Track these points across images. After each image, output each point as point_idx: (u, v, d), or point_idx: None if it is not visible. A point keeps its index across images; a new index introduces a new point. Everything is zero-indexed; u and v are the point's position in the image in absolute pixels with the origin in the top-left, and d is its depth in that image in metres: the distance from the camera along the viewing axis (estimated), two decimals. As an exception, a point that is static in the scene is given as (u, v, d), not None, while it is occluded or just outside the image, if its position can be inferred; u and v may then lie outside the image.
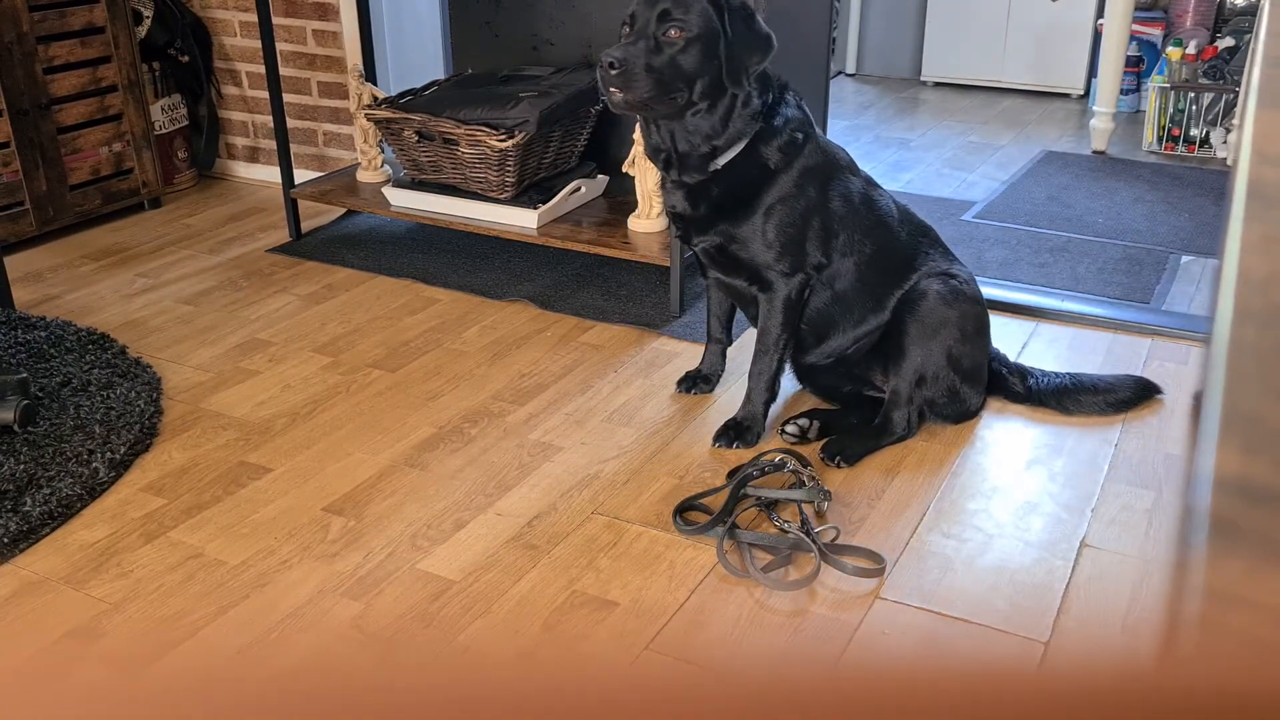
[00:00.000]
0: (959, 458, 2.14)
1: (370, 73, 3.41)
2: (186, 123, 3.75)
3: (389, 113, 3.01)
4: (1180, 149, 4.05)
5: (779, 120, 2.08)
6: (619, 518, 1.95)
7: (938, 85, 5.23)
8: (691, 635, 1.66)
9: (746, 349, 2.32)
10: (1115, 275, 2.97)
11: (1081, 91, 4.93)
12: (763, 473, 2.01)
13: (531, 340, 2.63)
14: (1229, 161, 3.92)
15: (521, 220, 2.92)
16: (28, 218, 3.20)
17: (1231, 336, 0.58)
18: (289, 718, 0.32)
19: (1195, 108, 4.00)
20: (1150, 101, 4.10)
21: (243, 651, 1.65)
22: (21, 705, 0.31)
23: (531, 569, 1.81)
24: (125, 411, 2.24)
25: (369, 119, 3.12)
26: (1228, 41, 4.15)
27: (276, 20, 3.51)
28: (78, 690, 0.32)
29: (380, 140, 3.25)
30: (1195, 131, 4.02)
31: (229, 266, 3.11)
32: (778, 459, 2.02)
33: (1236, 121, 3.81)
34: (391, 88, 3.55)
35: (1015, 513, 1.96)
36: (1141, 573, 1.80)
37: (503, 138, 2.83)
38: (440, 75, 3.41)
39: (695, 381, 2.39)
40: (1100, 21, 4.37)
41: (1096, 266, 3.03)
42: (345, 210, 3.39)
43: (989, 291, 2.39)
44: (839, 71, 5.45)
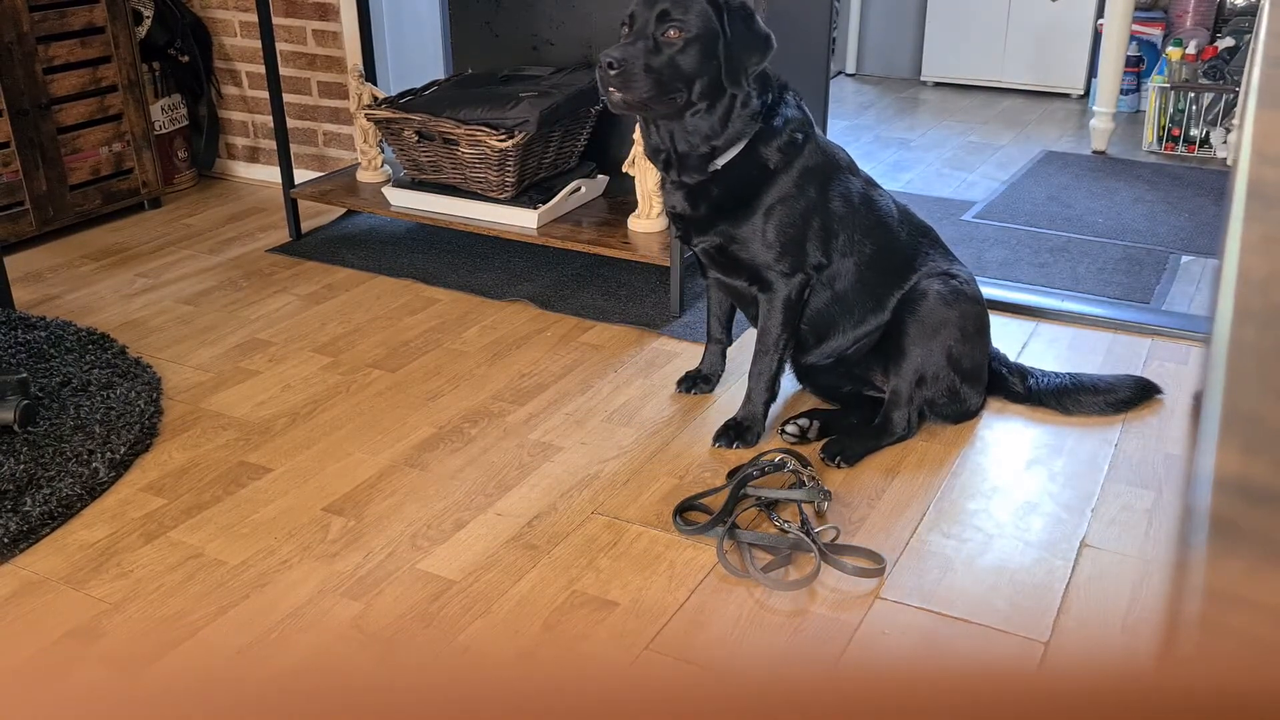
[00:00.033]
0: (959, 458, 2.14)
1: (370, 73, 3.41)
2: (186, 123, 3.75)
3: (389, 113, 3.01)
4: (1180, 149, 4.05)
5: (778, 120, 2.08)
6: (619, 518, 1.95)
7: (938, 85, 5.23)
8: (691, 635, 1.66)
9: (746, 349, 2.32)
10: (1115, 275, 2.97)
11: (1081, 91, 4.93)
12: (763, 473, 2.01)
13: (531, 340, 2.63)
14: (1229, 161, 3.92)
15: (521, 220, 2.92)
16: (28, 218, 3.20)
17: (1231, 336, 0.58)
18: (289, 718, 0.32)
19: (1195, 108, 4.00)
20: (1150, 101, 4.10)
21: (243, 651, 1.65)
22: (21, 705, 0.31)
23: (531, 569, 1.81)
24: (125, 411, 2.24)
25: (369, 119, 3.12)
26: (1228, 41, 4.15)
27: (276, 20, 3.51)
28: (78, 690, 0.32)
29: (380, 140, 3.25)
30: (1195, 131, 4.02)
31: (229, 266, 3.11)
32: (778, 459, 2.02)
33: (1236, 121, 3.81)
34: (391, 88, 3.55)
35: (1015, 513, 1.96)
36: (1141, 573, 1.80)
37: (503, 138, 2.83)
38: (440, 75, 3.41)
39: (695, 381, 2.39)
40: (1100, 21, 4.37)
41: (1096, 266, 3.03)
42: (345, 210, 3.39)
43: (989, 291, 2.39)
44: (839, 71, 5.45)
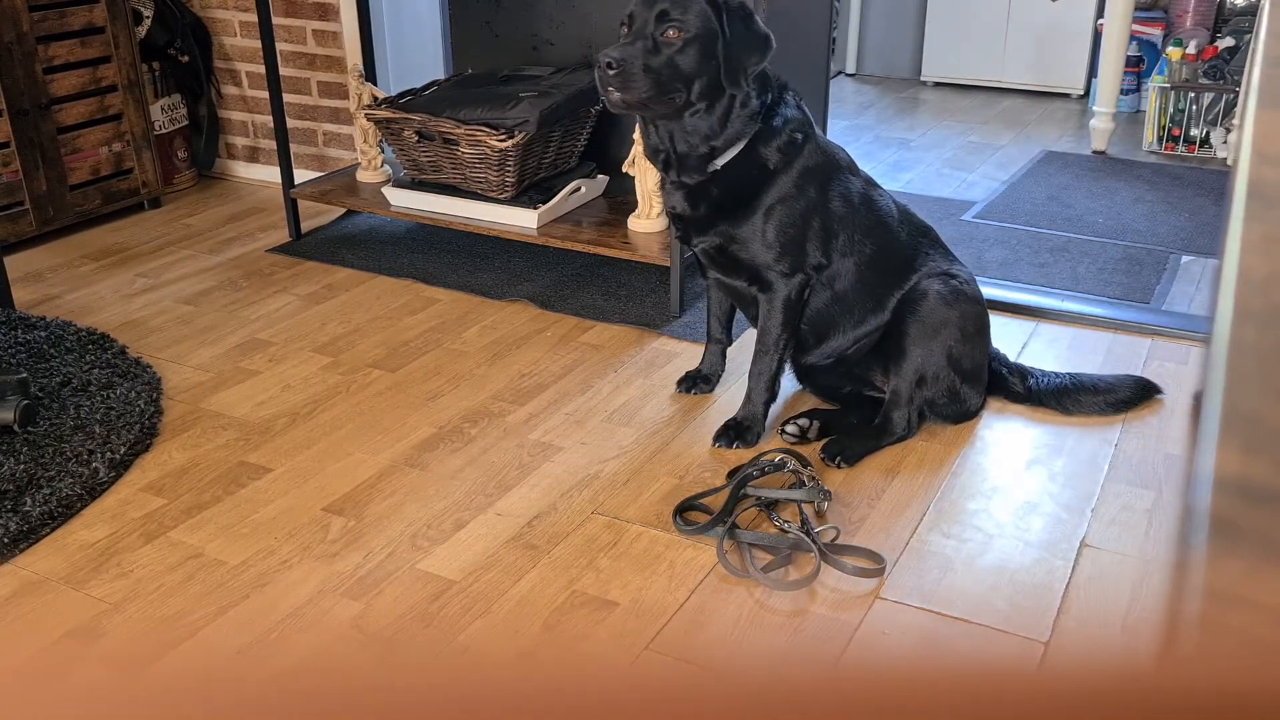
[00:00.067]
0: (959, 458, 2.14)
1: (370, 73, 3.41)
2: (186, 123, 3.75)
3: (389, 113, 3.01)
4: (1180, 149, 4.05)
5: (778, 120, 2.08)
6: (619, 518, 1.95)
7: (938, 85, 5.23)
8: (691, 635, 1.66)
9: (746, 349, 2.32)
10: (1115, 275, 2.97)
11: (1081, 91, 4.93)
12: (763, 473, 2.01)
13: (531, 340, 2.63)
14: (1229, 161, 3.92)
15: (521, 220, 2.92)
16: (28, 218, 3.20)
17: (1231, 336, 0.58)
18: (289, 718, 0.32)
19: (1195, 108, 4.00)
20: (1150, 101, 4.10)
21: (243, 651, 1.65)
22: (21, 705, 0.31)
23: (531, 569, 1.81)
24: (125, 411, 2.24)
25: (369, 119, 3.12)
26: (1228, 41, 4.15)
27: (276, 20, 3.51)
28: (78, 690, 0.32)
29: (380, 140, 3.25)
30: (1195, 131, 4.02)
31: (229, 266, 3.11)
32: (778, 459, 2.02)
33: (1236, 121, 3.81)
34: (391, 88, 3.55)
35: (1015, 513, 1.96)
36: (1141, 573, 1.80)
37: (503, 138, 2.83)
38: (440, 75, 3.41)
39: (695, 381, 2.39)
40: (1100, 21, 4.37)
41: (1096, 266, 3.03)
42: (345, 210, 3.39)
43: (989, 291, 2.39)
44: (839, 71, 5.45)
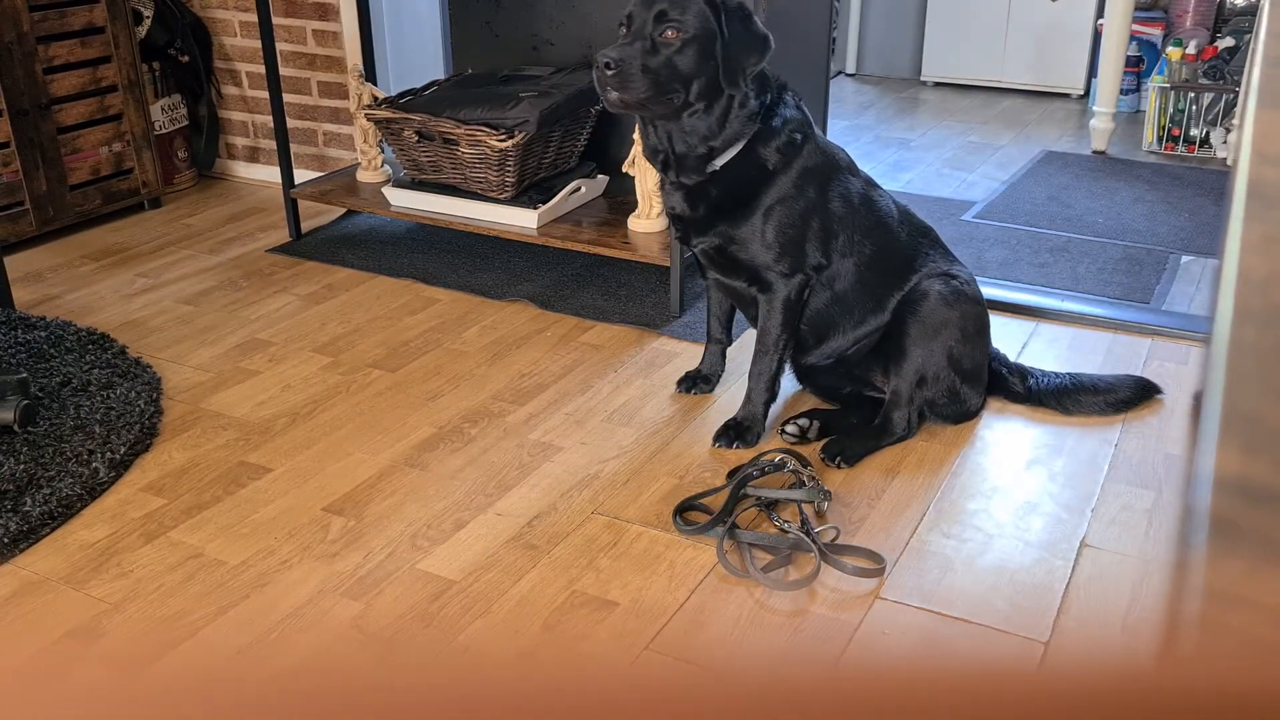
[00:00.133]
0: (959, 458, 2.14)
1: (370, 73, 3.41)
2: (186, 123, 3.75)
3: (389, 113, 3.01)
4: (1180, 149, 4.05)
5: (777, 121, 2.08)
6: (619, 518, 1.95)
7: (938, 85, 5.23)
8: (691, 635, 1.66)
9: (746, 349, 2.32)
10: (1115, 275, 2.97)
11: (1081, 91, 4.93)
12: (763, 473, 2.01)
13: (531, 340, 2.63)
14: (1229, 161, 3.92)
15: (521, 220, 2.92)
16: (28, 218, 3.20)
17: (1231, 336, 0.58)
18: (289, 718, 0.32)
19: (1195, 108, 4.00)
20: (1150, 101, 4.10)
21: (243, 651, 1.65)
22: (21, 705, 0.31)
23: (531, 569, 1.81)
24: (125, 411, 2.24)
25: (369, 119, 3.12)
26: (1228, 41, 4.15)
27: (276, 20, 3.51)
28: (78, 690, 0.32)
29: (380, 140, 3.25)
30: (1195, 131, 4.02)
31: (229, 266, 3.11)
32: (778, 459, 2.02)
33: (1236, 121, 3.81)
34: (391, 88, 3.55)
35: (1015, 513, 1.96)
36: (1141, 573, 1.80)
37: (503, 138, 2.83)
38: (440, 75, 3.41)
39: (695, 381, 2.39)
40: (1100, 21, 4.37)
41: (1096, 266, 3.03)
42: (345, 210, 3.39)
43: (989, 291, 2.39)
44: (839, 71, 5.45)
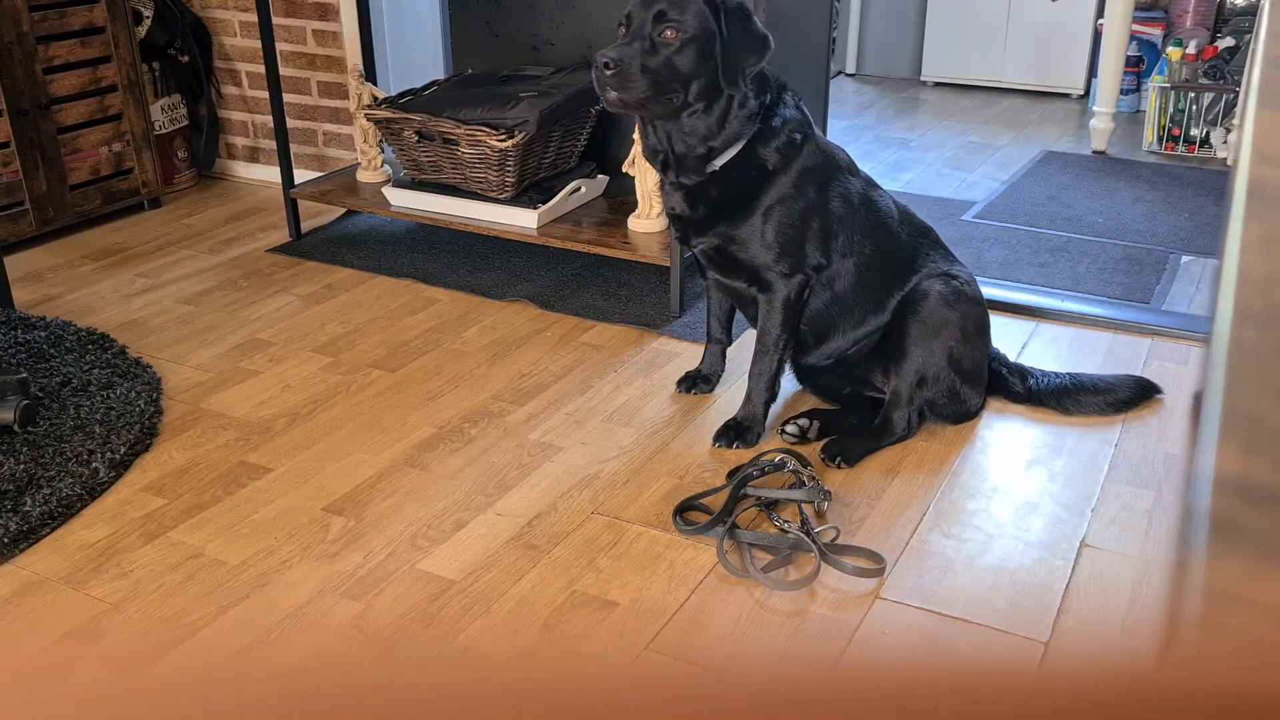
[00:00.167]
0: (959, 458, 2.14)
1: (370, 73, 3.41)
2: (186, 123, 3.75)
3: (389, 113, 3.01)
4: (1180, 149, 4.05)
5: (777, 121, 2.08)
6: (619, 518, 1.95)
7: (938, 85, 5.23)
8: (691, 635, 1.66)
9: (746, 349, 2.32)
10: (1115, 275, 2.97)
11: (1081, 91, 4.93)
12: (763, 473, 2.01)
13: (531, 340, 2.63)
14: (1229, 161, 3.92)
15: (521, 220, 2.92)
16: (28, 218, 3.20)
17: (1231, 336, 0.58)
18: (289, 718, 0.32)
19: (1195, 108, 4.00)
20: (1150, 101, 4.10)
21: (243, 651, 1.65)
22: (21, 705, 0.31)
23: (531, 569, 1.81)
24: (125, 411, 2.24)
25: (369, 119, 3.12)
26: (1228, 41, 4.15)
27: (276, 20, 3.51)
28: (78, 690, 0.32)
29: (380, 140, 3.25)
30: (1195, 131, 4.02)
31: (229, 266, 3.11)
32: (778, 459, 2.02)
33: (1236, 121, 3.81)
34: (391, 88, 3.55)
35: (1015, 513, 1.96)
36: (1141, 573, 1.80)
37: (503, 138, 2.83)
38: (440, 75, 3.41)
39: (695, 381, 2.39)
40: (1100, 21, 4.37)
41: (1096, 266, 3.03)
42: (345, 210, 3.39)
43: (989, 291, 2.39)
44: (839, 71, 5.45)
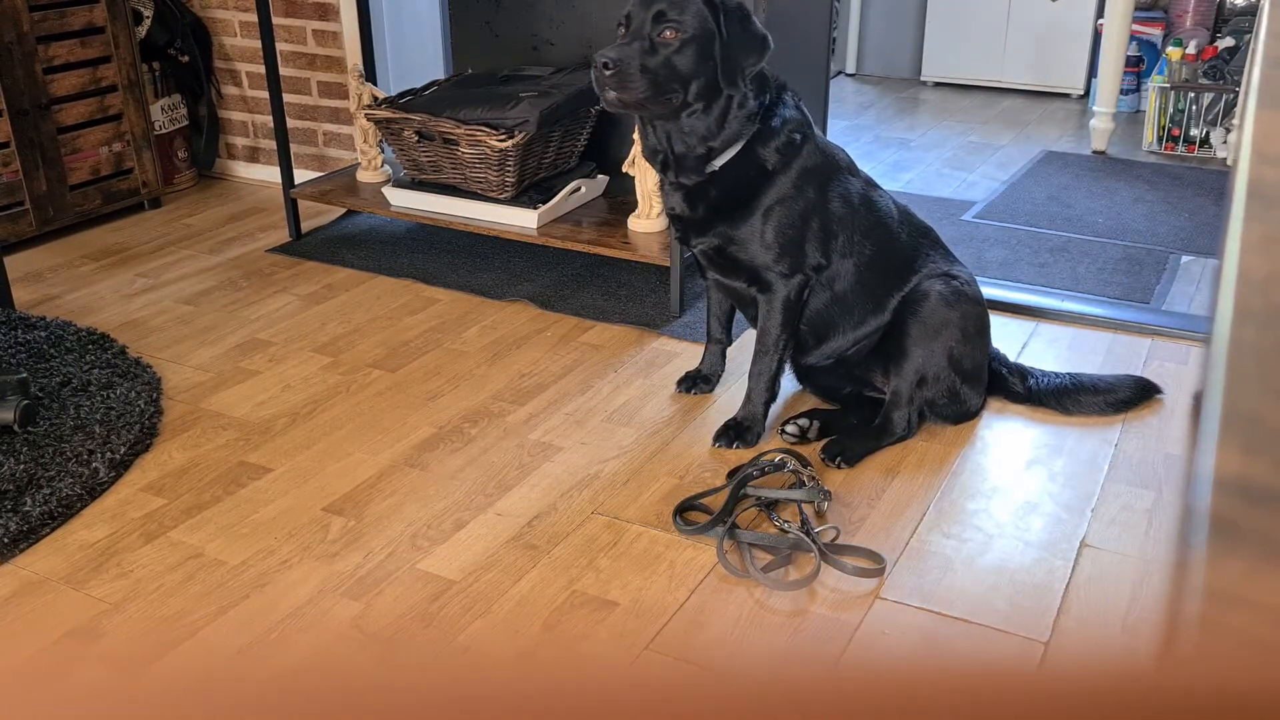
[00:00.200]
0: (959, 458, 2.14)
1: (370, 73, 3.41)
2: (186, 123, 3.75)
3: (389, 113, 3.01)
4: (1180, 149, 4.05)
5: (776, 121, 2.08)
6: (619, 518, 1.95)
7: (938, 85, 5.23)
8: (691, 635, 1.66)
9: (746, 349, 2.32)
10: (1115, 275, 2.97)
11: (1081, 91, 4.93)
12: (763, 473, 2.01)
13: (531, 340, 2.63)
14: (1229, 161, 3.92)
15: (521, 220, 2.92)
16: (28, 218, 3.20)
17: (1231, 336, 0.58)
18: (289, 718, 0.32)
19: (1195, 108, 4.00)
20: (1150, 101, 4.10)
21: (243, 651, 1.65)
22: (21, 705, 0.31)
23: (531, 569, 1.81)
24: (125, 411, 2.24)
25: (369, 119, 3.12)
26: (1228, 41, 4.15)
27: (276, 20, 3.51)
28: (78, 690, 0.32)
29: (380, 140, 3.25)
30: (1195, 131, 4.02)
31: (229, 266, 3.11)
32: (778, 459, 2.02)
33: (1236, 121, 3.81)
34: (391, 88, 3.55)
35: (1015, 513, 1.96)
36: (1141, 573, 1.80)
37: (503, 138, 2.83)
38: (440, 75, 3.41)
39: (695, 381, 2.39)
40: (1100, 21, 4.37)
41: (1096, 266, 3.03)
42: (345, 210, 3.39)
43: (989, 291, 2.39)
44: (839, 71, 5.45)
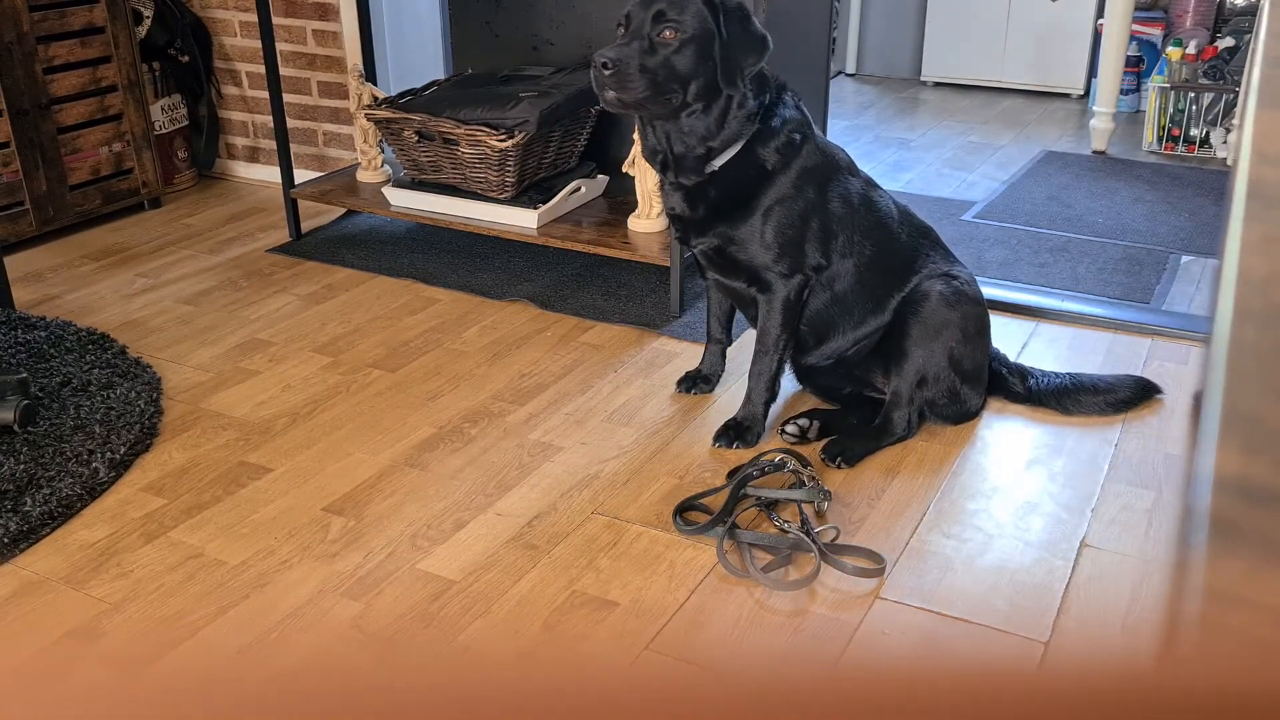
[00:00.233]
0: (959, 458, 2.14)
1: (370, 73, 3.41)
2: (186, 123, 3.75)
3: (389, 113, 3.01)
4: (1180, 149, 4.05)
5: (776, 121, 2.08)
6: (619, 518, 1.95)
7: (938, 85, 5.23)
8: (691, 635, 1.66)
9: (746, 349, 2.32)
10: (1115, 275, 2.97)
11: (1081, 91, 4.93)
12: (763, 473, 2.01)
13: (531, 340, 2.63)
14: (1229, 161, 3.92)
15: (521, 220, 2.92)
16: (28, 218, 3.20)
17: (1231, 336, 0.58)
18: (289, 718, 0.32)
19: (1195, 108, 4.00)
20: (1150, 101, 4.10)
21: (243, 651, 1.65)
22: (21, 705, 0.31)
23: (531, 569, 1.81)
24: (125, 411, 2.24)
25: (369, 119, 3.12)
26: (1228, 41, 4.15)
27: (276, 20, 3.51)
28: (78, 690, 0.32)
29: (380, 140, 3.25)
30: (1195, 131, 4.02)
31: (229, 266, 3.11)
32: (778, 459, 2.02)
33: (1236, 121, 3.81)
34: (391, 88, 3.55)
35: (1015, 513, 1.96)
36: (1141, 573, 1.80)
37: (503, 138, 2.83)
38: (440, 75, 3.41)
39: (695, 381, 2.39)
40: (1100, 21, 4.37)
41: (1096, 266, 3.03)
42: (345, 210, 3.39)
43: (989, 291, 2.39)
44: (839, 71, 5.45)
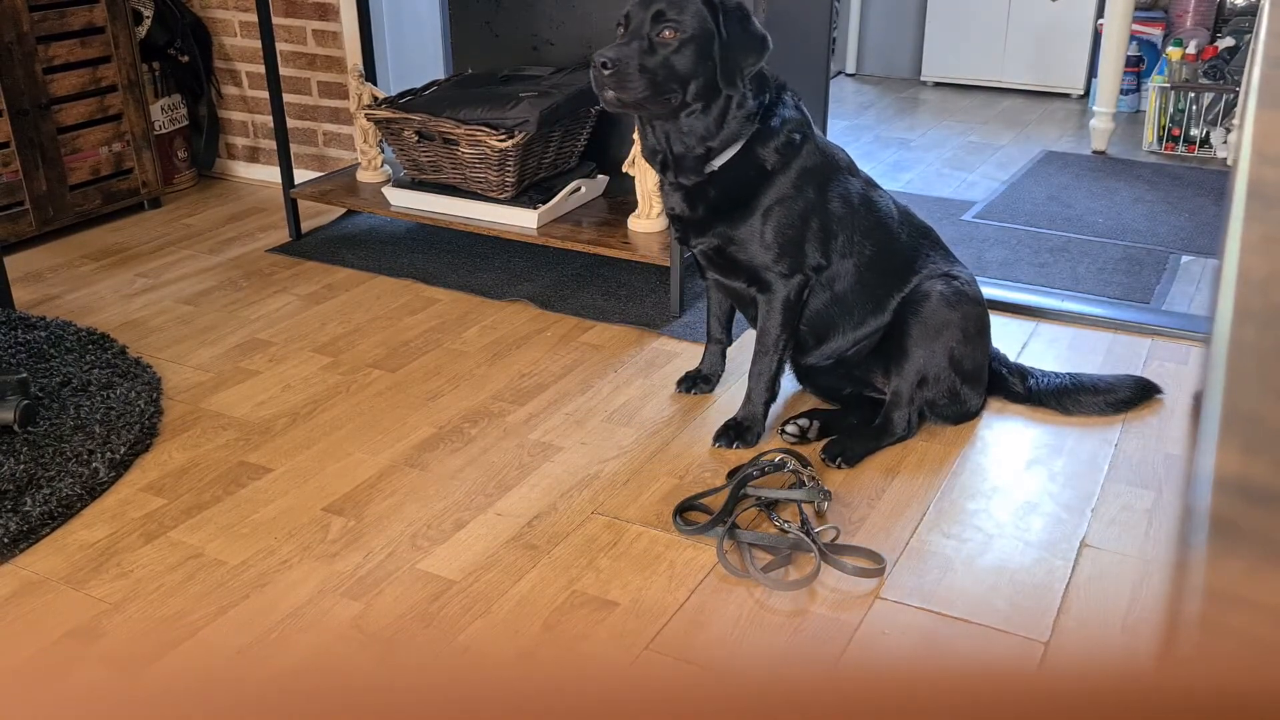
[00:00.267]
0: (959, 458, 2.14)
1: (370, 73, 3.41)
2: (186, 123, 3.75)
3: (389, 113, 3.01)
4: (1180, 149, 4.05)
5: (776, 121, 2.08)
6: (619, 518, 1.95)
7: (938, 85, 5.23)
8: (691, 635, 1.66)
9: (746, 349, 2.32)
10: (1115, 275, 2.97)
11: (1081, 91, 4.93)
12: (763, 473, 2.01)
13: (531, 340, 2.63)
14: (1229, 161, 3.92)
15: (521, 220, 2.92)
16: (28, 218, 3.20)
17: (1231, 336, 0.58)
18: (289, 718, 0.32)
19: (1195, 108, 4.00)
20: (1150, 101, 4.10)
21: (243, 651, 1.65)
22: (21, 705, 0.31)
23: (531, 569, 1.81)
24: (125, 411, 2.24)
25: (369, 119, 3.12)
26: (1228, 41, 4.15)
27: (276, 20, 3.51)
28: (78, 690, 0.32)
29: (380, 140, 3.25)
30: (1195, 131, 4.02)
31: (229, 266, 3.11)
32: (778, 459, 2.02)
33: (1236, 121, 3.81)
34: (391, 88, 3.55)
35: (1015, 513, 1.96)
36: (1141, 573, 1.80)
37: (503, 138, 2.83)
38: (440, 75, 3.41)
39: (695, 381, 2.39)
40: (1100, 21, 4.37)
41: (1096, 266, 3.03)
42: (345, 210, 3.39)
43: (989, 291, 2.39)
44: (839, 71, 5.45)
